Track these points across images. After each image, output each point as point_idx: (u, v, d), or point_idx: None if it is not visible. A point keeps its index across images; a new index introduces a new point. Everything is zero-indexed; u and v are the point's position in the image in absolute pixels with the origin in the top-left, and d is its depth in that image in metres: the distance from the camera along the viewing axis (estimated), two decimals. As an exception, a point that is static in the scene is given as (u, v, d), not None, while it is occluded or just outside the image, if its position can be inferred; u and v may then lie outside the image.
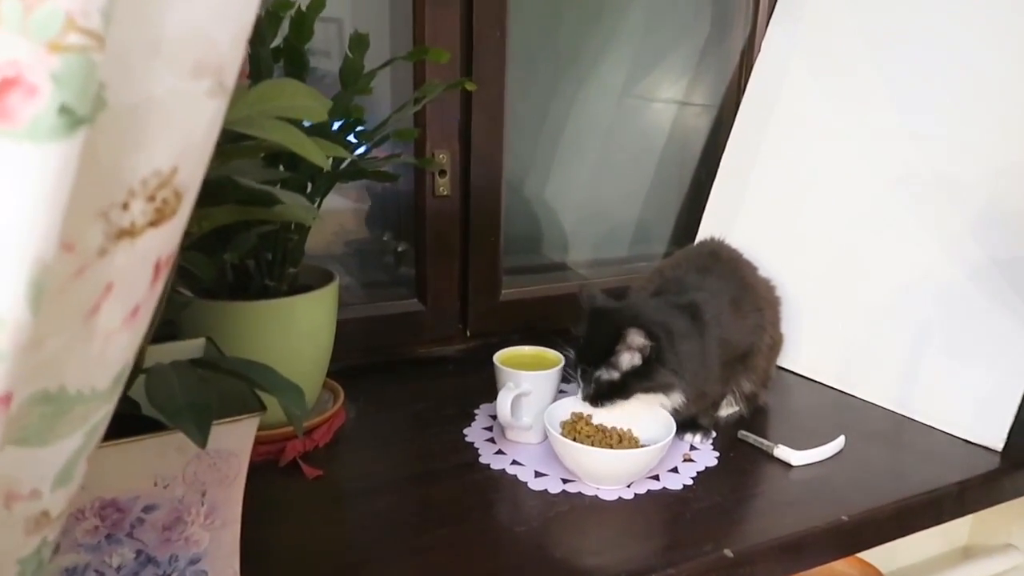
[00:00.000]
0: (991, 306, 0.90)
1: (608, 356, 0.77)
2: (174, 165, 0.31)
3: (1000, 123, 0.92)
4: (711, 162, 1.29)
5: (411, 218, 1.08)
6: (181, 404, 0.47)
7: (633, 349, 0.76)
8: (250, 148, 0.57)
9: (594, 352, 0.78)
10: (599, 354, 0.78)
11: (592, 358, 0.78)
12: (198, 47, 0.30)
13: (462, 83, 0.82)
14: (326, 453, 0.82)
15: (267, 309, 0.78)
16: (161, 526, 0.55)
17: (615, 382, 0.77)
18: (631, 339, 0.76)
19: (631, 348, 0.76)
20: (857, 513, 0.74)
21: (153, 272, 0.32)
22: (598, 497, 0.75)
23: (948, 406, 0.91)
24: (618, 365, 0.77)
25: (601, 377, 0.77)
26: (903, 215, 0.99)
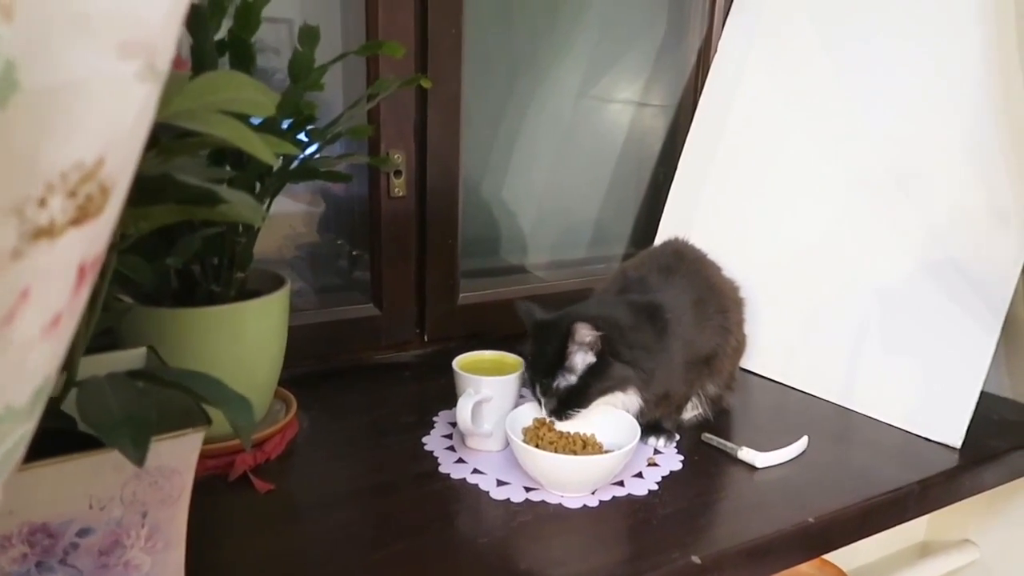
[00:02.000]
0: (949, 306, 0.90)
1: (561, 361, 0.75)
2: (99, 157, 0.28)
3: (955, 122, 0.93)
4: (669, 162, 1.28)
5: (366, 220, 1.05)
6: (117, 419, 0.44)
7: (584, 345, 0.75)
8: (193, 144, 0.53)
9: (547, 361, 0.76)
10: (552, 361, 0.76)
11: (546, 368, 0.76)
12: (125, 24, 0.27)
13: (417, 80, 0.79)
14: (278, 466, 0.78)
15: (214, 316, 0.74)
16: (98, 551, 0.51)
17: (574, 386, 0.75)
18: (579, 335, 0.74)
19: (582, 345, 0.75)
20: (823, 515, 0.73)
21: (77, 277, 0.29)
22: (562, 505, 0.72)
23: (907, 405, 0.91)
24: (573, 367, 0.76)
25: (560, 385, 0.75)
26: (864, 214, 1.00)
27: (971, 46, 0.92)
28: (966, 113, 0.91)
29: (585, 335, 0.74)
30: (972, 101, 0.91)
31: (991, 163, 0.89)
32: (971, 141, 0.91)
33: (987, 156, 0.89)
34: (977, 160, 0.90)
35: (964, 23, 0.92)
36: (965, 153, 0.91)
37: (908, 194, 0.95)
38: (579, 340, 0.74)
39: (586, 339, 0.74)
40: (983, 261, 0.89)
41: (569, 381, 0.75)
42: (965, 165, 0.91)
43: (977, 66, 0.91)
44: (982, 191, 0.90)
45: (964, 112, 0.92)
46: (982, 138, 0.90)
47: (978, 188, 0.90)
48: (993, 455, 0.87)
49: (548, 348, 0.76)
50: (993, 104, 0.89)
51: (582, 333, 0.74)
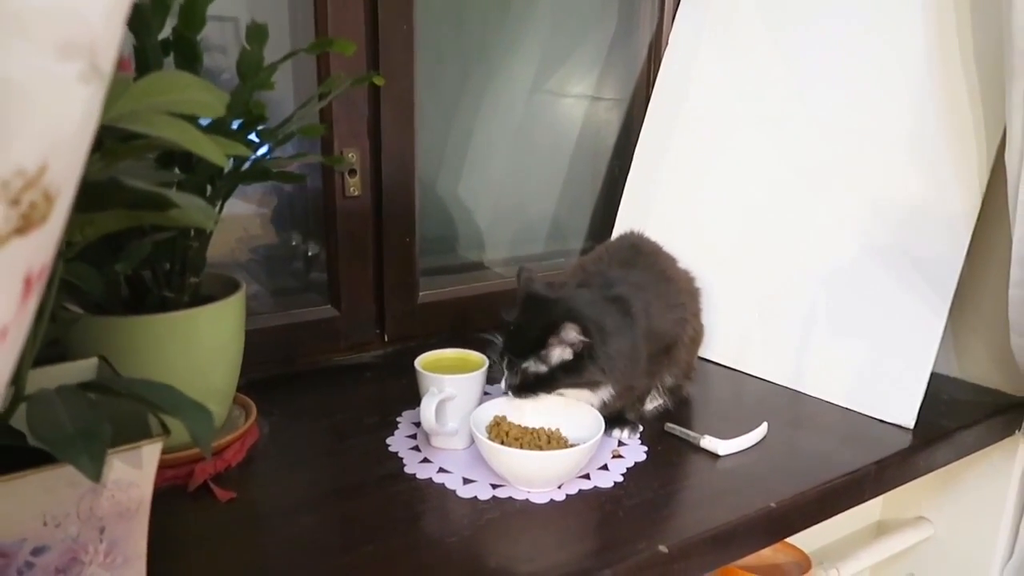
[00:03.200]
0: (899, 290, 0.93)
1: (539, 348, 0.75)
2: (42, 163, 0.27)
3: (900, 110, 0.95)
4: (624, 156, 1.29)
5: (321, 220, 1.03)
6: (70, 433, 0.42)
7: (565, 344, 0.75)
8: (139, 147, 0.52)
9: (525, 343, 0.76)
10: (530, 345, 0.76)
11: (521, 349, 0.76)
12: (64, 24, 0.26)
13: (370, 77, 0.78)
14: (239, 473, 0.77)
15: (167, 323, 0.72)
16: (54, 569, 0.49)
17: (542, 375, 0.75)
18: (566, 334, 0.74)
19: (564, 343, 0.75)
20: (784, 499, 0.74)
21: (23, 287, 0.28)
22: (529, 501, 0.72)
23: (861, 388, 0.93)
24: (548, 359, 0.76)
25: (528, 369, 0.75)
26: (813, 202, 1.02)
27: (915, 36, 0.94)
28: (910, 101, 0.94)
29: (573, 338, 0.74)
30: (916, 89, 0.93)
31: (934, 149, 0.91)
32: (915, 128, 0.93)
33: (930, 142, 0.92)
34: (920, 147, 0.92)
35: (909, 14, 0.94)
36: (909, 140, 0.93)
37: (855, 181, 0.98)
38: (564, 339, 0.75)
39: (572, 340, 0.74)
40: (930, 245, 0.91)
41: (539, 369, 0.76)
42: (910, 151, 0.93)
43: (920, 55, 0.93)
44: (926, 177, 0.92)
45: (908, 100, 0.94)
46: (925, 125, 0.92)
47: (922, 174, 0.93)
48: (944, 434, 0.89)
49: (531, 330, 0.76)
50: (935, 92, 0.91)
51: (571, 335, 0.74)
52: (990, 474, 1.05)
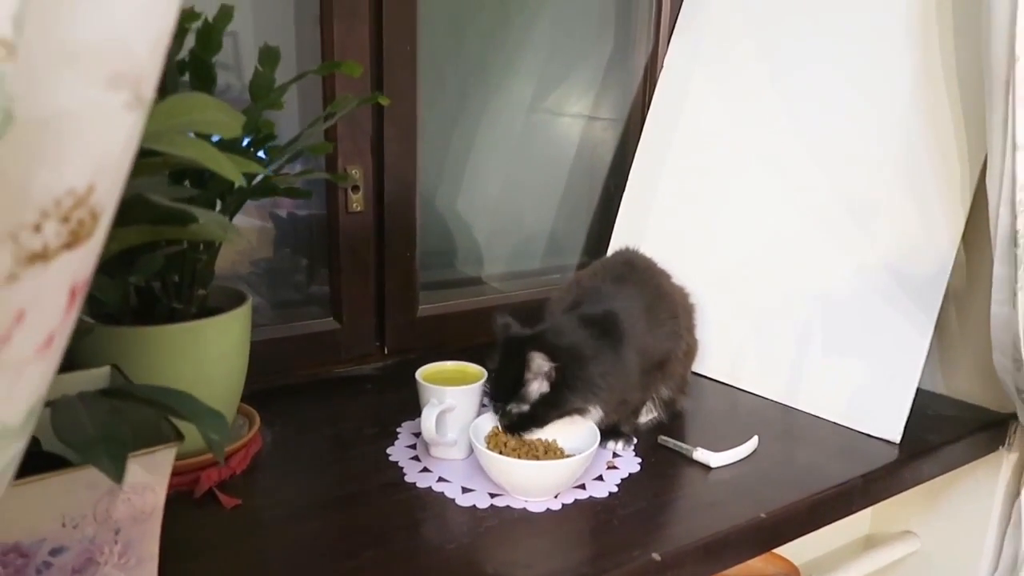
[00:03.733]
0: (886, 310, 0.95)
1: (517, 388, 0.77)
2: (90, 183, 0.29)
3: (887, 135, 0.98)
4: (620, 174, 1.32)
5: (324, 235, 1.06)
6: (93, 437, 0.45)
7: (539, 375, 0.76)
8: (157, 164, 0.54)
9: (504, 385, 0.78)
10: (509, 386, 0.78)
11: (501, 392, 0.78)
12: (115, 57, 0.28)
13: (375, 98, 0.81)
14: (243, 481, 0.79)
15: (176, 333, 0.75)
16: (71, 569, 0.51)
17: (525, 413, 0.77)
18: (535, 364, 0.76)
19: (537, 374, 0.76)
20: (774, 510, 0.77)
21: (68, 298, 0.30)
22: (526, 509, 0.74)
23: (849, 403, 0.95)
24: (527, 397, 0.77)
25: (512, 411, 0.77)
26: (804, 222, 1.05)
27: (903, 61, 0.97)
28: (897, 125, 0.97)
29: (542, 365, 0.76)
30: (902, 114, 0.97)
31: (920, 172, 0.94)
32: (901, 152, 0.96)
33: (916, 166, 0.95)
34: (907, 170, 0.95)
35: (897, 40, 0.98)
36: (896, 163, 0.97)
37: (844, 202, 1.00)
38: (535, 370, 0.76)
39: (543, 369, 0.76)
40: (915, 266, 0.94)
41: (521, 409, 0.77)
42: (896, 174, 0.96)
43: (907, 79, 0.96)
44: (912, 199, 0.95)
45: (895, 124, 0.97)
46: (912, 149, 0.95)
47: (908, 196, 0.96)
48: (930, 448, 0.92)
49: (508, 371, 0.78)
50: (921, 117, 0.94)
51: (538, 363, 0.76)
52: (975, 489, 1.07)
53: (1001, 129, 0.74)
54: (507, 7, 1.23)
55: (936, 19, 0.93)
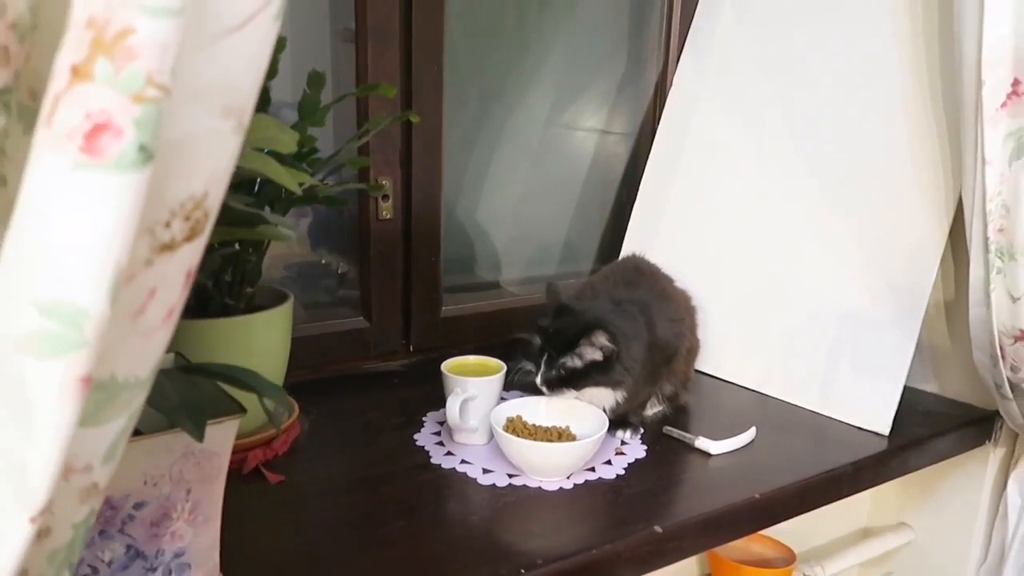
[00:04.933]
0: (877, 311, 1.02)
1: (574, 347, 0.87)
2: (206, 190, 0.38)
3: (879, 145, 1.05)
4: (631, 185, 1.39)
5: (354, 240, 1.14)
6: (177, 405, 0.53)
7: (596, 347, 0.86)
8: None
9: (563, 341, 0.87)
10: (566, 343, 0.87)
11: (560, 346, 0.87)
12: (228, 94, 0.37)
13: (406, 116, 0.90)
14: (285, 461, 0.87)
15: (228, 327, 0.83)
16: (149, 522, 0.59)
17: (577, 370, 0.87)
18: (596, 339, 0.86)
19: (594, 346, 0.86)
20: (767, 491, 0.84)
21: (185, 279, 0.39)
22: (541, 488, 0.82)
23: (843, 399, 1.02)
24: (582, 356, 0.87)
25: (566, 363, 0.87)
26: (803, 228, 1.12)
27: (892, 80, 1.04)
28: (887, 139, 1.04)
29: (602, 342, 0.86)
30: (892, 128, 1.04)
31: (907, 181, 1.02)
32: (891, 162, 1.03)
33: (904, 175, 1.02)
34: (895, 179, 1.03)
35: (888, 67, 1.05)
36: (885, 173, 1.04)
37: (839, 211, 1.08)
38: (595, 343, 0.86)
39: (602, 344, 0.86)
40: (904, 270, 1.01)
41: (575, 364, 0.87)
42: (886, 183, 1.04)
43: (896, 97, 1.04)
44: (901, 207, 1.02)
45: (885, 137, 1.04)
46: (900, 160, 1.03)
47: (897, 204, 1.03)
48: (917, 441, 0.99)
49: (566, 332, 0.87)
50: (909, 131, 1.02)
51: (600, 340, 0.86)
52: (965, 483, 1.14)
53: (972, 146, 0.82)
54: (526, 30, 1.32)
55: (924, 44, 1.00)
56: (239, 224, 0.55)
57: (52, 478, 0.32)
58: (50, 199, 0.30)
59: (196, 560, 0.63)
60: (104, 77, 0.30)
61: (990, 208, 0.81)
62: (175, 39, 0.31)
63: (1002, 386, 0.93)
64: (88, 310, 0.31)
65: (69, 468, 0.36)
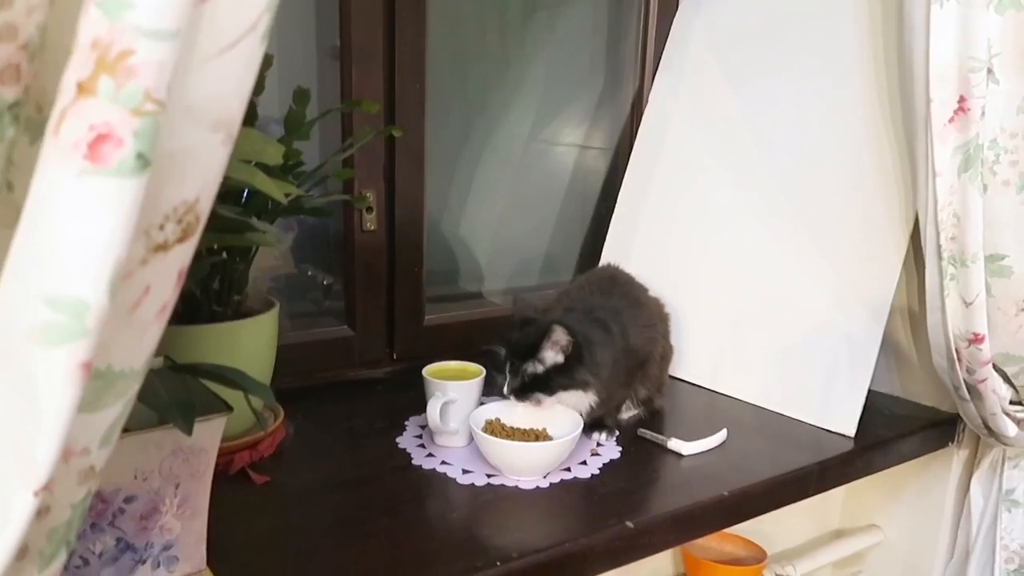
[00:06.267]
0: (842, 318, 1.07)
1: (535, 352, 0.89)
2: (197, 196, 0.41)
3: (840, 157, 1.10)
4: (610, 198, 1.43)
5: (340, 251, 1.18)
6: (167, 401, 0.56)
7: (556, 345, 0.89)
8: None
9: (523, 348, 0.90)
10: (527, 349, 0.90)
11: (521, 353, 0.90)
12: (218, 109, 0.40)
13: (389, 130, 0.94)
14: (271, 463, 0.90)
15: (215, 332, 0.86)
16: (139, 516, 0.62)
17: (539, 375, 0.89)
18: (555, 335, 0.88)
19: (555, 344, 0.89)
20: (736, 489, 0.87)
21: (177, 278, 0.42)
22: (518, 487, 0.85)
23: (810, 402, 1.06)
24: (543, 360, 0.90)
25: (528, 370, 0.89)
26: (770, 239, 1.16)
27: (854, 102, 1.09)
28: (851, 156, 1.09)
29: (560, 337, 0.89)
30: (855, 147, 1.08)
31: (870, 198, 1.06)
32: (855, 180, 1.08)
33: (866, 192, 1.07)
34: (860, 196, 1.07)
35: (850, 83, 1.10)
36: (849, 187, 1.08)
37: (805, 222, 1.12)
38: (554, 340, 0.89)
39: (561, 341, 0.89)
40: (867, 280, 1.05)
41: (536, 369, 0.90)
42: (849, 196, 1.08)
43: (859, 119, 1.08)
44: (863, 220, 1.07)
45: (850, 155, 1.09)
46: (863, 177, 1.07)
47: (860, 220, 1.07)
48: (882, 442, 1.03)
49: (527, 337, 0.90)
50: (871, 151, 1.06)
51: (558, 335, 0.88)
52: (931, 483, 1.18)
53: (924, 160, 0.86)
54: (507, 49, 1.36)
55: (884, 65, 1.05)
56: (228, 231, 0.58)
57: (55, 456, 0.35)
58: (57, 202, 0.34)
59: (184, 553, 0.66)
60: (106, 93, 0.33)
61: (942, 217, 0.85)
62: (171, 59, 0.34)
63: (960, 388, 0.97)
64: (89, 302, 0.34)
65: (69, 451, 0.39)
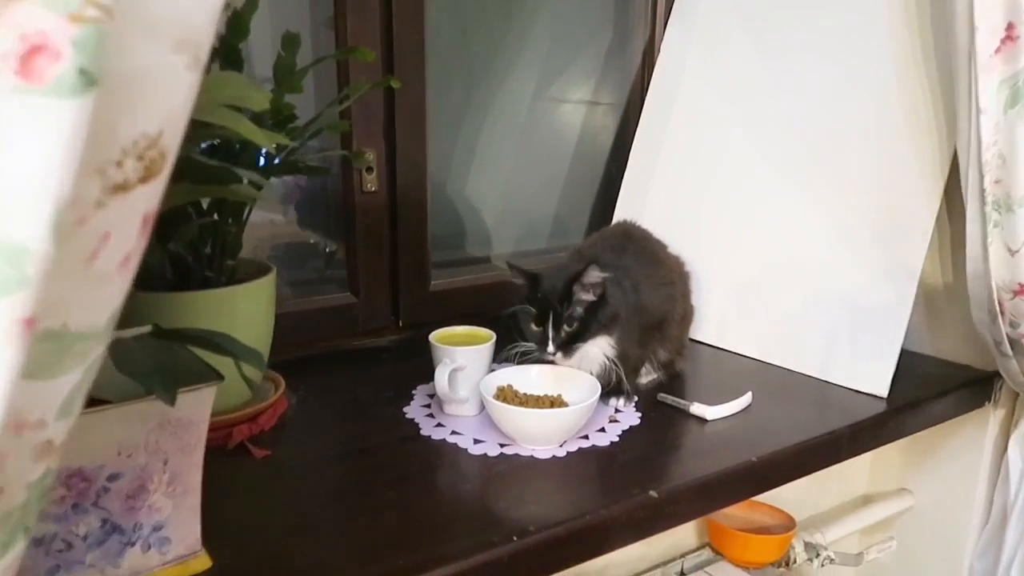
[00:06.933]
0: (873, 273, 1.01)
1: (570, 298, 0.86)
2: (160, 128, 0.35)
3: (868, 105, 1.03)
4: (620, 156, 1.37)
5: (341, 215, 1.12)
6: (149, 369, 0.51)
7: (589, 286, 0.86)
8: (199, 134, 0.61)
9: (557, 299, 0.86)
10: (563, 296, 0.86)
11: (559, 301, 0.86)
12: (180, 26, 0.35)
13: (387, 81, 0.87)
14: (272, 436, 0.85)
15: (208, 299, 0.81)
16: (125, 494, 0.58)
17: (582, 319, 0.86)
18: (591, 275, 0.85)
19: (590, 285, 0.86)
20: (764, 455, 0.82)
21: (141, 224, 0.37)
22: (533, 456, 0.81)
23: (840, 362, 1.01)
24: (582, 301, 0.86)
25: (572, 314, 0.86)
26: (792, 191, 1.10)
27: (881, 43, 1.02)
28: (878, 100, 1.02)
29: (596, 276, 0.85)
30: (883, 89, 1.02)
31: (899, 141, 1.00)
32: (882, 124, 1.01)
33: (897, 139, 1.00)
34: (887, 141, 1.01)
35: (879, 26, 1.03)
36: (878, 135, 1.02)
37: (829, 173, 1.06)
38: (589, 281, 0.85)
39: (595, 280, 0.85)
40: (898, 230, 0.99)
41: (577, 312, 0.86)
42: (878, 145, 1.02)
43: (886, 59, 1.02)
44: (893, 167, 1.00)
45: (876, 99, 1.02)
46: (892, 121, 1.01)
47: (889, 164, 1.01)
48: (915, 403, 0.97)
49: (556, 291, 0.86)
50: (901, 91, 1.00)
51: (594, 274, 0.85)
52: (965, 445, 1.13)
53: (966, 96, 0.80)
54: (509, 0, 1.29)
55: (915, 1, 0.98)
56: (210, 182, 0.53)
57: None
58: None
59: (176, 534, 0.61)
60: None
61: (986, 159, 0.79)
62: (113, -48, 0.29)
63: (1002, 343, 0.92)
64: (28, 247, 0.29)
65: (21, 422, 0.34)
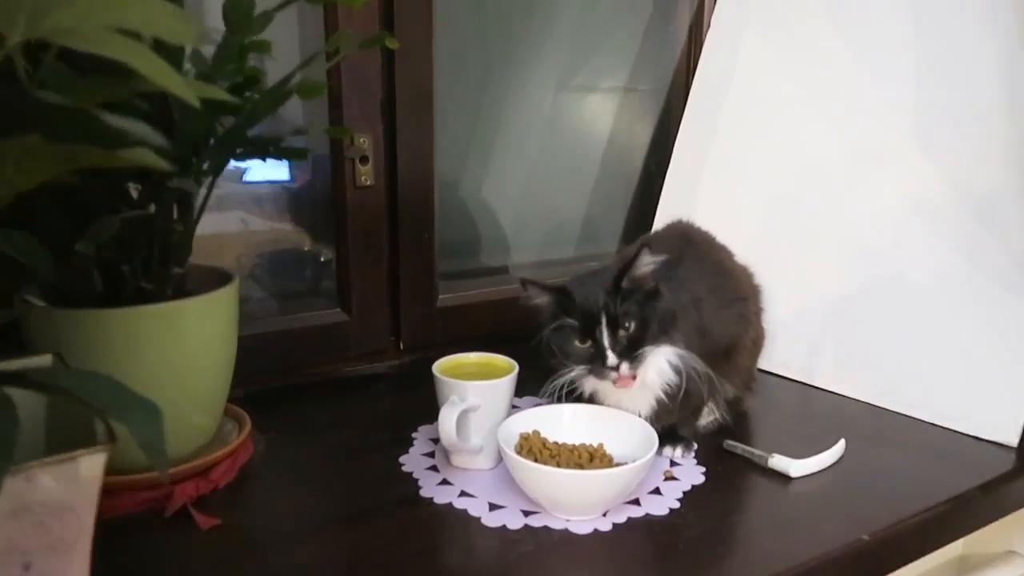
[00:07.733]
0: (994, 290, 0.81)
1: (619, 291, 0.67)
2: None
3: (988, 80, 0.83)
4: (661, 150, 1.19)
5: (330, 214, 0.93)
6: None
7: (641, 277, 0.68)
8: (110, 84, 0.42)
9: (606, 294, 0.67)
10: (611, 291, 0.67)
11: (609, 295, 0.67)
12: None
13: (382, 38, 0.68)
14: (228, 496, 0.66)
15: (144, 317, 0.62)
16: (-38, 618, 0.38)
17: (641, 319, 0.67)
18: (644, 259, 0.67)
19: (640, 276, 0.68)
20: (878, 530, 0.62)
21: None
22: (568, 531, 0.61)
23: (952, 401, 0.81)
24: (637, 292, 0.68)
25: (628, 311, 0.66)
26: (885, 193, 0.90)
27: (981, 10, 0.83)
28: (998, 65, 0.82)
29: (649, 261, 0.68)
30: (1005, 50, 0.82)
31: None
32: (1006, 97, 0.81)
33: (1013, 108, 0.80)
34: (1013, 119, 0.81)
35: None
36: (1000, 112, 0.82)
37: (932, 165, 0.86)
38: (643, 265, 0.68)
39: (648, 263, 0.68)
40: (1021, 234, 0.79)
41: (633, 311, 0.67)
42: (999, 126, 0.82)
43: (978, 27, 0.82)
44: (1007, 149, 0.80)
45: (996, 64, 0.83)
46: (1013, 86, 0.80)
47: (1014, 153, 0.81)
48: (1053, 453, 0.77)
49: (602, 290, 0.67)
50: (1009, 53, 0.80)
51: (648, 258, 0.67)
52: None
53: None
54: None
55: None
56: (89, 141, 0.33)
57: None
58: None
59: (49, 670, 0.41)
60: None
61: None
62: None
63: None
64: None
65: None
